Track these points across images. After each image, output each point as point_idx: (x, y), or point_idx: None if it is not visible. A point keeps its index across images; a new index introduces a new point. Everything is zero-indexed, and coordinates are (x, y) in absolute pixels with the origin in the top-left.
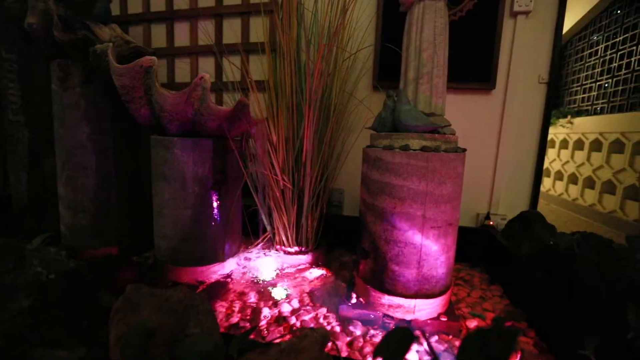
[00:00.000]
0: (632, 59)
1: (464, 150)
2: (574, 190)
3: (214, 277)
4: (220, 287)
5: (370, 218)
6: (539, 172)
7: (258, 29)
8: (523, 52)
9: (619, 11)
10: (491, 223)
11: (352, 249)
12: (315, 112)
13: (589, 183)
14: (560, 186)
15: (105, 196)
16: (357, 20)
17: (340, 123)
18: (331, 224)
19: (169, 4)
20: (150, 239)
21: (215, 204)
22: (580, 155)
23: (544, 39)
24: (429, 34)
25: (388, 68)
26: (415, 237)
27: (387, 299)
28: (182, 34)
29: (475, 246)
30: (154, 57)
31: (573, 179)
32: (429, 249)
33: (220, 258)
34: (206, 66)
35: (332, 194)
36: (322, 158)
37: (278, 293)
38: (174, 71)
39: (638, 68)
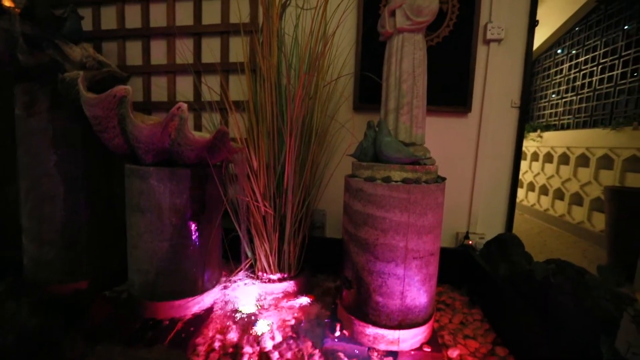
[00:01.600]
0: (594, 79)
1: (444, 179)
2: (545, 201)
3: (193, 311)
4: (200, 323)
5: (353, 248)
6: (513, 191)
7: (238, 49)
8: (496, 78)
9: (580, 34)
10: (470, 242)
11: (334, 273)
12: (296, 139)
13: (559, 194)
14: (532, 197)
15: (75, 227)
16: (338, 47)
17: (322, 146)
18: (313, 247)
19: (145, 20)
20: (124, 272)
21: (194, 235)
22: (550, 168)
23: (515, 66)
24: (408, 66)
25: (368, 91)
26: (398, 268)
27: (371, 330)
28: (159, 52)
29: (455, 267)
30: (128, 87)
31: (544, 190)
32: (412, 280)
33: (200, 290)
34: (184, 85)
35: (314, 215)
36: (304, 184)
37: (260, 327)
38: (150, 89)
39: (599, 87)
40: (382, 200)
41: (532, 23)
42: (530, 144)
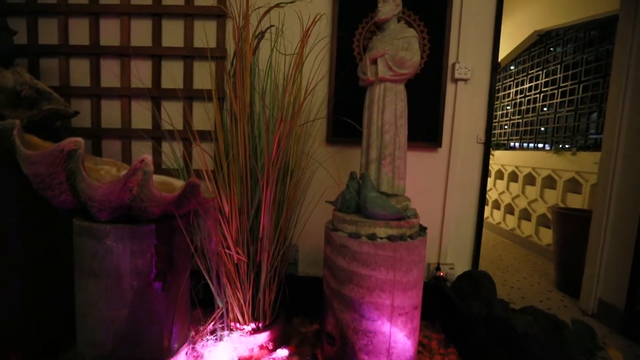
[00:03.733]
0: (537, 105)
1: (425, 229)
2: (498, 215)
3: None
4: None
5: (337, 305)
6: (480, 221)
7: (203, 75)
8: (463, 115)
9: (525, 63)
10: (441, 274)
11: (310, 315)
12: (272, 191)
13: (509, 209)
14: (486, 210)
15: (8, 291)
16: (314, 98)
17: (300, 185)
18: (287, 286)
19: (94, 37)
20: (71, 341)
21: (159, 298)
22: (501, 184)
23: (480, 104)
24: (390, 116)
25: (341, 126)
26: (385, 326)
27: None
28: (111, 73)
29: (428, 301)
30: (79, 140)
31: (496, 205)
32: (397, 336)
33: (166, 357)
34: (140, 111)
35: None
36: (281, 229)
37: None
38: (100, 115)
39: (542, 113)
40: (368, 258)
41: (495, 65)
42: None
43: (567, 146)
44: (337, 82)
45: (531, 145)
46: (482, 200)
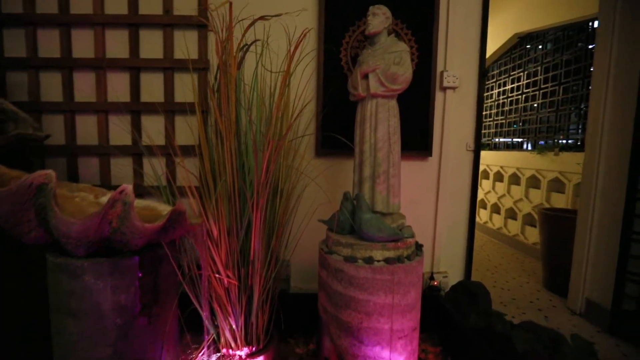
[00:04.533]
0: (520, 106)
1: (422, 246)
2: (484, 214)
3: None
4: None
5: (334, 330)
6: (471, 227)
7: (185, 87)
8: (453, 123)
9: (506, 64)
10: (435, 283)
11: (304, 334)
12: (262, 212)
13: (496, 209)
14: None
15: None
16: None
17: (291, 202)
18: (280, 305)
19: (65, 49)
20: None
21: (145, 333)
22: (487, 184)
23: (469, 112)
24: (383, 134)
25: (330, 137)
26: (384, 350)
27: None
28: (85, 87)
29: (424, 313)
30: (49, 172)
31: (482, 204)
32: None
33: None
34: (119, 127)
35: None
36: (273, 251)
37: None
38: (75, 131)
39: (524, 114)
40: (365, 283)
41: (482, 72)
42: None
43: (550, 142)
44: (325, 96)
45: (515, 145)
46: (473, 207)
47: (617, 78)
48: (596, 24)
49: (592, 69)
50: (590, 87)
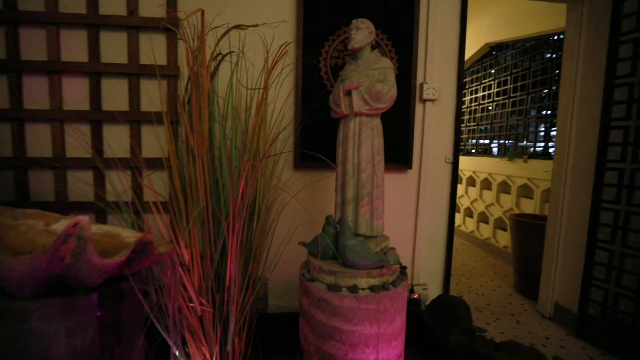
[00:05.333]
0: (491, 113)
1: (405, 268)
2: (458, 218)
3: None
4: None
5: None
6: (450, 238)
7: (153, 95)
8: (432, 135)
9: (478, 72)
10: (415, 296)
11: (285, 355)
12: (239, 236)
13: (469, 213)
14: None
15: None
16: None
17: (269, 221)
18: (258, 327)
19: (12, 50)
20: None
21: None
22: (460, 188)
23: (448, 124)
24: (367, 154)
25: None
26: None
27: None
28: (37, 93)
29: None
30: None
31: (456, 208)
32: None
33: None
34: (77, 137)
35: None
36: (251, 274)
37: None
38: (24, 142)
39: (495, 121)
40: (350, 313)
41: (460, 85)
42: None
43: (519, 149)
44: (303, 108)
45: (486, 150)
46: (451, 219)
47: (583, 89)
48: (563, 37)
49: (557, 79)
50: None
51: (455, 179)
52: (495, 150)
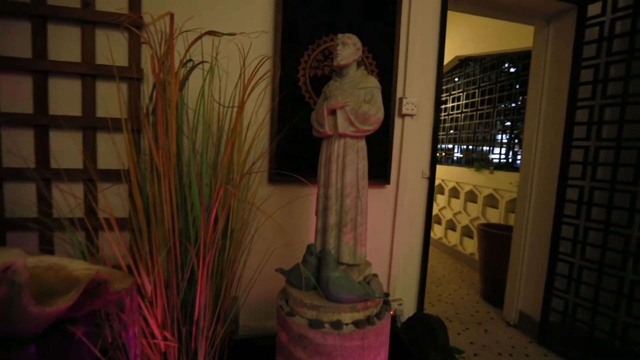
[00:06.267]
0: (459, 124)
1: (387, 295)
2: None
3: None
4: None
5: None
6: (425, 253)
7: (111, 99)
8: (410, 150)
9: (448, 84)
10: (392, 312)
11: None
12: (209, 266)
13: (437, 220)
14: None
15: None
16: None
17: (243, 243)
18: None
19: None
20: None
21: None
22: None
23: (425, 140)
24: (351, 178)
25: (284, 162)
26: None
27: None
28: None
29: None
30: None
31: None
32: None
33: None
34: (18, 144)
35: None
36: (222, 303)
37: None
38: None
39: (463, 132)
40: (333, 351)
41: (438, 101)
42: None
43: (485, 160)
44: (279, 123)
45: (454, 161)
46: (427, 234)
47: (547, 109)
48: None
49: (520, 95)
50: (521, 111)
51: (431, 194)
52: (461, 159)
